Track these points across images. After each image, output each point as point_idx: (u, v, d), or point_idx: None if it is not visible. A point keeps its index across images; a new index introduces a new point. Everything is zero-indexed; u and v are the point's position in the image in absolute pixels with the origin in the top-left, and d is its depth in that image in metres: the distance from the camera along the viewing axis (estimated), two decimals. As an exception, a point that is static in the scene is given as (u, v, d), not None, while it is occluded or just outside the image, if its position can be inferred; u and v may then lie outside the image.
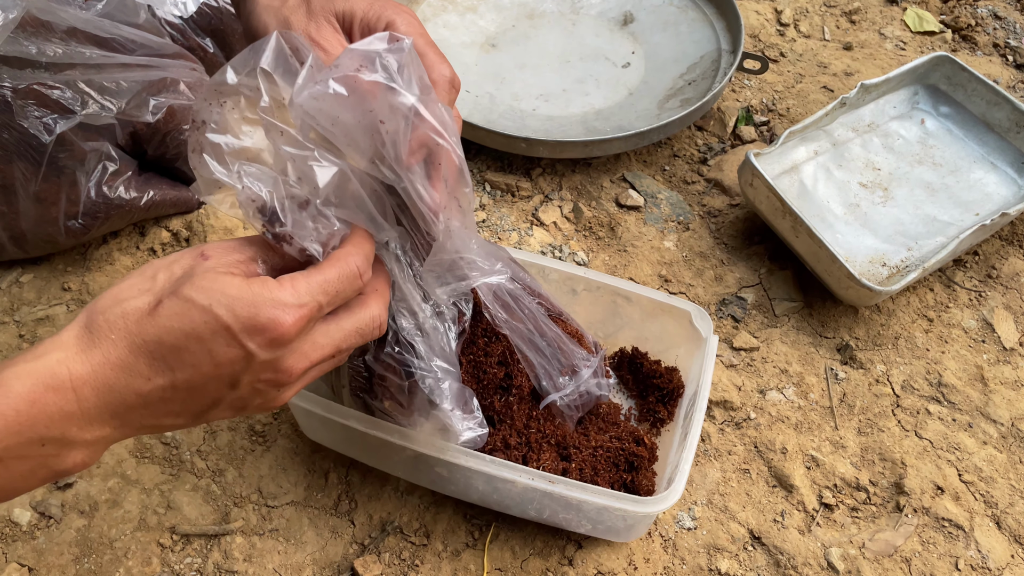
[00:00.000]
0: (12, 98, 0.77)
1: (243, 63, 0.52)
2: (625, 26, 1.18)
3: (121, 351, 0.45)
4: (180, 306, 0.46)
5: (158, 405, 0.47)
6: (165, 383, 0.46)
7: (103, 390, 0.45)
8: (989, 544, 0.75)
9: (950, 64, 1.02)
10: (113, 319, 0.46)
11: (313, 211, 0.52)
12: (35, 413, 0.43)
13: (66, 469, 0.46)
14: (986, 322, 0.90)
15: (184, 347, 0.45)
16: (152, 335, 0.45)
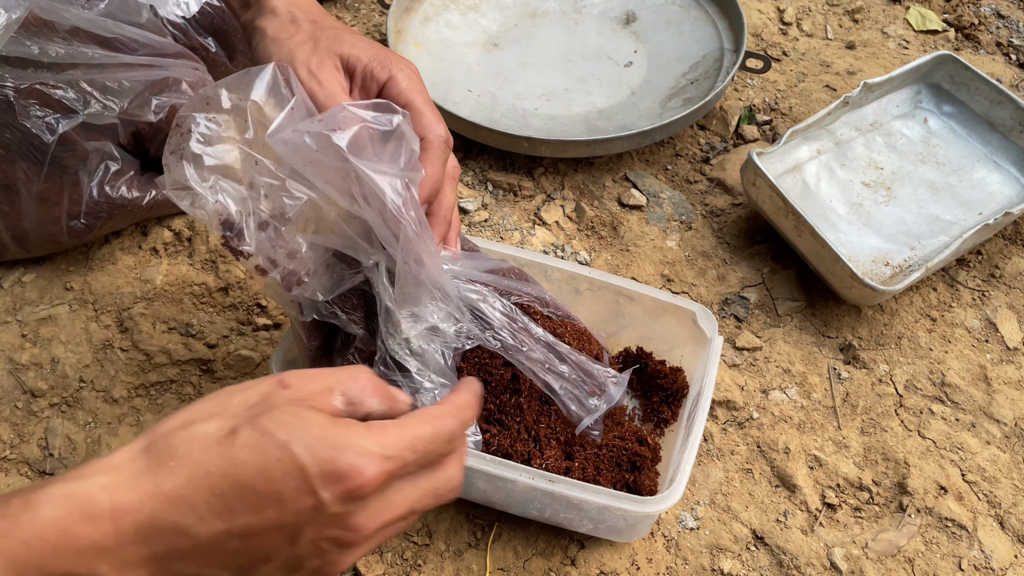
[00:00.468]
0: (15, 98, 0.77)
1: (237, 86, 0.54)
2: (627, 25, 1.18)
3: (179, 481, 0.40)
4: (256, 438, 0.41)
5: (205, 554, 0.41)
6: (221, 528, 0.40)
7: (148, 526, 0.40)
8: (992, 544, 0.74)
9: (953, 63, 1.01)
10: (177, 443, 0.41)
11: (271, 232, 0.55)
12: (63, 545, 0.38)
13: None
14: (989, 322, 0.90)
15: (251, 486, 0.40)
16: (218, 467, 0.40)
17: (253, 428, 0.41)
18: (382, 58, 0.60)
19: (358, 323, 0.62)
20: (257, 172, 0.54)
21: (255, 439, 0.41)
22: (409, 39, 1.14)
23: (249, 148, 0.54)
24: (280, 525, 0.41)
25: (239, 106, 0.54)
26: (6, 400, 0.80)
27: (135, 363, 0.83)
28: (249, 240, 0.54)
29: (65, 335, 0.84)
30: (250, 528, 0.41)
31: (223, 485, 0.40)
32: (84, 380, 0.82)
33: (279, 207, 0.55)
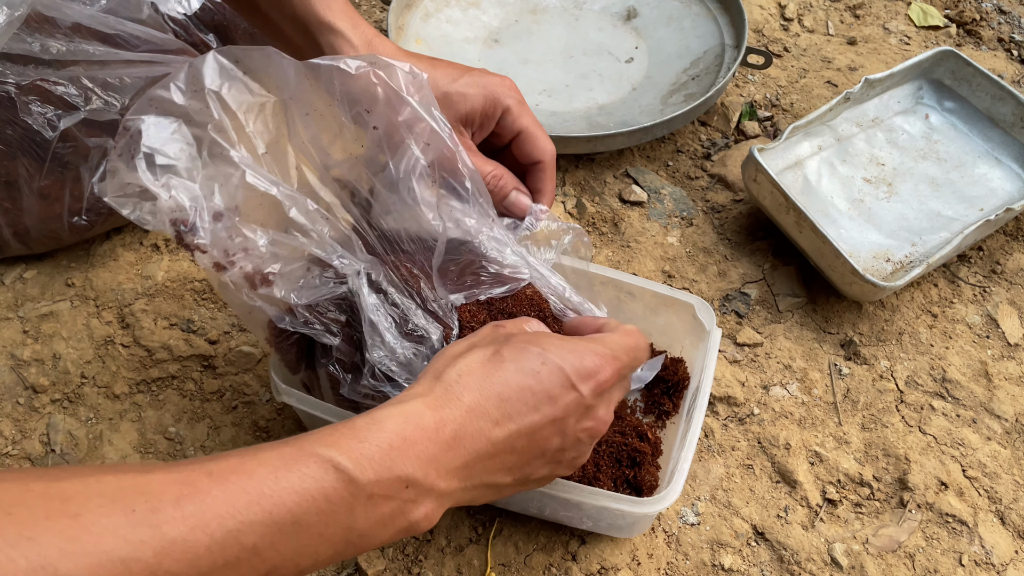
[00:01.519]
0: (16, 94, 0.77)
1: (188, 83, 0.54)
2: (628, 21, 1.18)
3: (474, 395, 0.48)
4: (519, 352, 0.50)
5: (502, 454, 0.49)
6: (512, 428, 0.48)
7: (460, 435, 0.47)
8: (993, 540, 0.74)
9: (954, 59, 1.01)
10: (460, 371, 0.49)
11: (226, 223, 0.54)
12: (406, 450, 0.45)
13: (415, 522, 0.46)
14: (990, 318, 0.90)
15: (527, 388, 0.49)
16: (499, 379, 0.49)
17: (511, 346, 0.51)
18: (492, 99, 0.63)
19: (336, 333, 0.61)
20: (222, 159, 0.54)
21: (518, 352, 0.50)
22: (410, 35, 1.14)
23: (217, 134, 0.54)
24: (554, 419, 0.50)
25: (194, 104, 0.54)
26: (8, 396, 0.80)
27: (136, 359, 0.83)
28: (203, 234, 0.54)
29: (66, 331, 0.84)
30: (533, 425, 0.49)
31: (507, 392, 0.49)
32: (85, 376, 0.82)
33: (236, 198, 0.54)
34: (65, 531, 0.35)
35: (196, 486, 0.39)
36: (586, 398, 0.51)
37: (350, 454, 0.43)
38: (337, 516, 0.42)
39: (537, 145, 0.65)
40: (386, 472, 0.44)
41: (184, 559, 0.37)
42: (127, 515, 0.36)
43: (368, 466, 0.44)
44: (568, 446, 0.52)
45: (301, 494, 0.41)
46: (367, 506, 0.43)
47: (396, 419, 0.46)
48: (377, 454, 0.44)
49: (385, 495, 0.44)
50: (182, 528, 0.37)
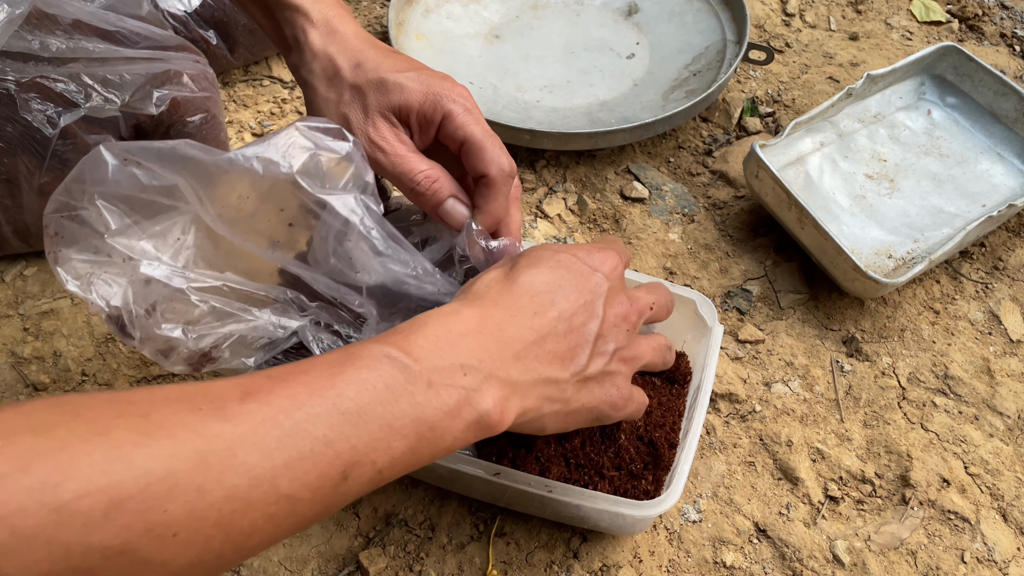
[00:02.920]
0: (15, 91, 0.77)
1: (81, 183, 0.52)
2: (630, 16, 1.18)
3: (505, 299, 0.51)
4: (531, 258, 0.53)
5: (548, 341, 0.50)
6: (552, 314, 0.51)
7: (504, 327, 0.49)
8: (995, 537, 0.74)
9: (957, 54, 1.01)
10: (486, 283, 0.52)
11: (159, 316, 0.53)
12: (454, 341, 0.47)
13: (486, 412, 0.46)
14: (993, 314, 0.90)
15: (552, 280, 0.52)
16: (524, 280, 0.52)
17: (524, 257, 0.54)
18: (432, 97, 0.58)
19: None
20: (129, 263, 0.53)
21: (531, 259, 0.53)
22: (410, 31, 1.13)
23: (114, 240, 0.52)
24: (584, 302, 0.52)
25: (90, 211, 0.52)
26: (8, 394, 0.80)
27: (137, 357, 0.83)
28: (134, 331, 0.53)
29: (67, 329, 0.84)
30: (566, 309, 0.51)
31: (535, 287, 0.51)
32: (86, 374, 0.82)
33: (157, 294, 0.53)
34: (137, 427, 0.35)
35: (258, 386, 0.40)
36: (605, 281, 0.54)
37: (400, 346, 0.45)
38: (400, 404, 0.43)
39: (483, 157, 0.58)
40: (438, 360, 0.45)
41: (256, 451, 0.37)
42: (195, 412, 0.37)
43: (419, 355, 0.45)
44: (606, 332, 0.53)
45: (360, 383, 0.42)
46: (428, 394, 0.44)
47: (437, 319, 0.48)
48: (426, 344, 0.45)
49: (444, 383, 0.45)
50: (251, 422, 0.38)
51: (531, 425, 0.51)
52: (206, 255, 0.56)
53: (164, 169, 0.53)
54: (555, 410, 0.52)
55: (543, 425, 0.52)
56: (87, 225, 0.52)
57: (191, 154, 0.52)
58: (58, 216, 0.52)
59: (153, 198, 0.53)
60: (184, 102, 0.86)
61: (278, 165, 0.53)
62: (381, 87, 0.58)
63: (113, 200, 0.52)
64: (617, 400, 0.55)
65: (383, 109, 0.58)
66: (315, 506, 0.40)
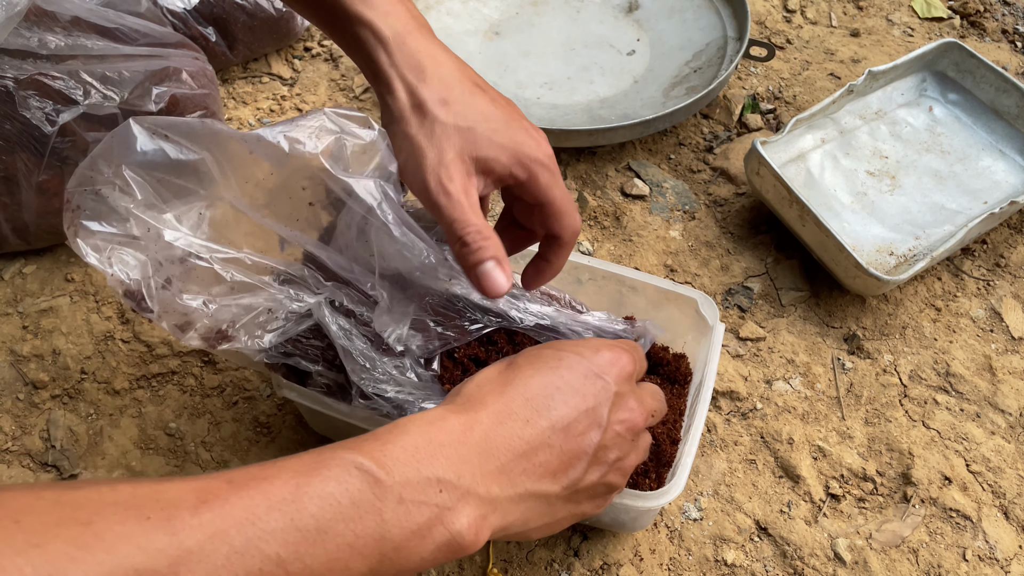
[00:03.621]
0: (14, 89, 0.77)
1: (108, 156, 0.53)
2: (630, 13, 1.17)
3: (496, 401, 0.48)
4: (533, 356, 0.50)
5: (538, 453, 0.47)
6: (544, 423, 0.47)
7: (490, 436, 0.46)
8: (997, 535, 0.74)
9: (958, 51, 1.01)
10: (479, 383, 0.50)
11: (175, 290, 0.54)
12: (433, 451, 0.44)
13: (458, 533, 0.43)
14: (994, 311, 0.90)
15: (551, 384, 0.49)
16: (520, 382, 0.49)
17: (523, 355, 0.51)
18: (522, 160, 0.55)
19: (316, 359, 0.60)
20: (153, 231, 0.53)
21: (532, 357, 0.50)
22: (410, 28, 1.13)
23: (142, 213, 0.53)
24: (585, 410, 0.49)
25: (117, 178, 0.53)
26: (8, 392, 0.80)
27: (136, 354, 0.83)
28: (151, 303, 0.53)
29: (66, 326, 0.84)
30: (565, 417, 0.48)
31: (531, 391, 0.48)
32: (85, 372, 0.81)
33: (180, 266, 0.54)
34: (76, 538, 0.33)
35: (215, 494, 0.37)
36: (612, 385, 0.50)
37: (373, 456, 0.42)
38: (365, 523, 0.40)
39: (562, 221, 0.56)
40: (414, 473, 0.42)
41: (202, 569, 0.35)
42: (141, 523, 0.35)
43: (394, 467, 0.42)
44: (609, 442, 0.50)
45: (324, 498, 0.39)
46: (398, 511, 0.41)
47: (419, 424, 0.45)
48: (403, 455, 0.42)
49: (417, 499, 0.42)
50: (199, 536, 0.35)
51: (513, 537, 0.49)
52: (226, 232, 0.57)
53: (192, 144, 0.53)
54: (542, 524, 0.49)
55: (527, 536, 0.50)
56: (108, 200, 0.52)
57: (219, 129, 0.53)
58: (80, 190, 0.52)
59: (179, 174, 0.54)
60: (183, 99, 0.85)
61: (304, 144, 0.53)
62: (469, 137, 0.54)
63: (140, 171, 0.53)
64: (603, 506, 0.53)
65: (464, 155, 0.54)
66: None
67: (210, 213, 0.56)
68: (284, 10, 1.04)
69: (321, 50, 1.13)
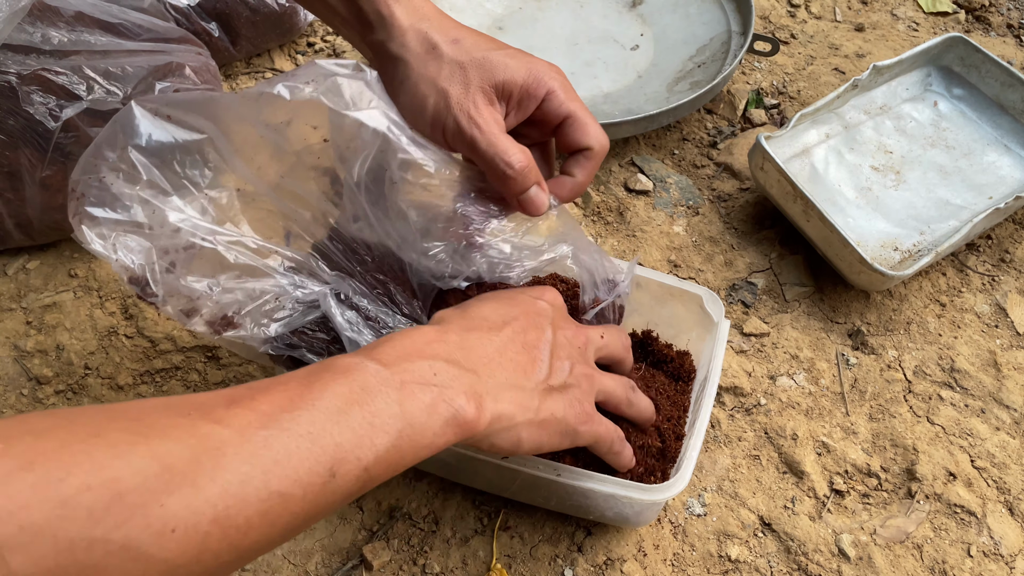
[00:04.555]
0: (17, 84, 0.76)
1: (112, 141, 0.54)
2: (634, 8, 1.17)
3: (462, 320, 0.54)
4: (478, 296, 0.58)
5: (508, 351, 0.53)
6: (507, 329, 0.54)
7: (465, 341, 0.52)
8: (1002, 530, 0.74)
9: (964, 45, 1.00)
10: (439, 315, 0.55)
11: (180, 274, 0.54)
12: (419, 350, 0.49)
13: (461, 408, 0.48)
14: (999, 307, 0.90)
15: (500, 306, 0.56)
16: (475, 307, 0.56)
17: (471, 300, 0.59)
18: (536, 75, 0.57)
19: (321, 352, 0.60)
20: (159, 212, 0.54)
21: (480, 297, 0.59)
22: (414, 23, 1.13)
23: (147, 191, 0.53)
24: (533, 322, 0.56)
25: (121, 162, 0.53)
26: (12, 387, 0.80)
27: (140, 350, 0.83)
28: (155, 287, 0.54)
29: (70, 322, 0.84)
30: (519, 327, 0.55)
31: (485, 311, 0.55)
32: (89, 367, 0.81)
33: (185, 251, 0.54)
34: (130, 428, 0.36)
35: (241, 395, 0.41)
36: (549, 308, 0.58)
37: (369, 355, 0.47)
38: (377, 403, 0.44)
39: (588, 131, 0.59)
40: (408, 363, 0.47)
41: (245, 448, 0.38)
42: (184, 416, 0.38)
43: (389, 361, 0.47)
44: (558, 349, 0.56)
45: (336, 386, 0.44)
46: (403, 392, 0.45)
47: (401, 335, 0.50)
48: (394, 352, 0.48)
49: (417, 381, 0.46)
50: (237, 424, 0.39)
51: (508, 435, 0.52)
52: (232, 217, 0.58)
53: (195, 118, 0.54)
54: (527, 419, 0.52)
55: (519, 436, 0.52)
56: (112, 188, 0.53)
57: (220, 97, 0.54)
58: (85, 178, 0.53)
59: (185, 154, 0.54)
60: (186, 94, 0.85)
61: (302, 90, 0.54)
62: (484, 64, 0.56)
63: (145, 153, 0.53)
64: (582, 415, 0.56)
65: (485, 86, 0.56)
66: (306, 504, 0.41)
67: (216, 195, 0.56)
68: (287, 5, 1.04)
69: (324, 45, 1.13)
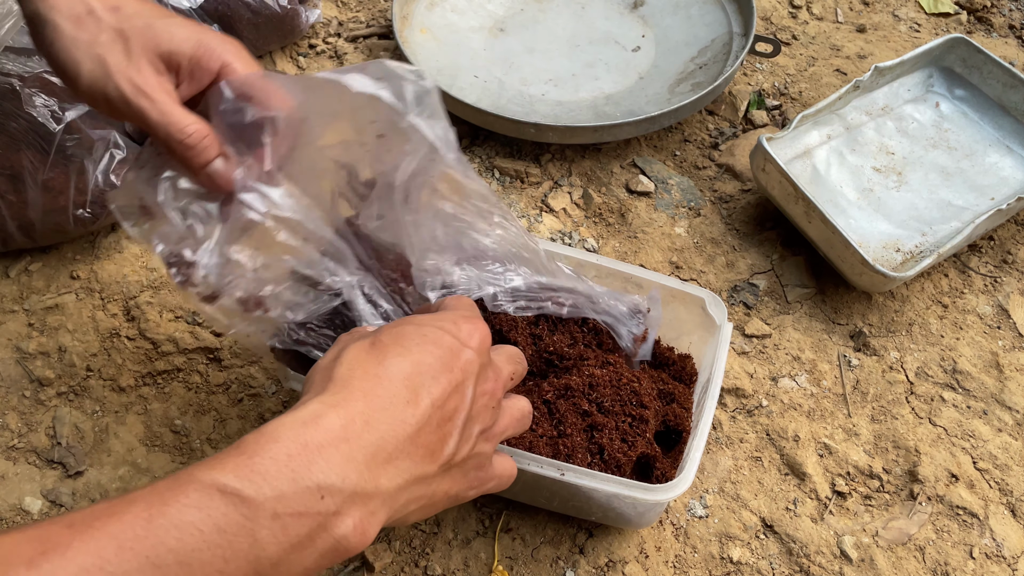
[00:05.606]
0: (20, 86, 0.77)
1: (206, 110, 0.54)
2: (635, 9, 1.17)
3: (373, 384, 0.44)
4: (395, 334, 0.47)
5: (424, 435, 0.44)
6: (426, 403, 0.44)
7: (373, 423, 0.42)
8: (1004, 532, 0.74)
9: (965, 46, 1.00)
10: (348, 362, 0.45)
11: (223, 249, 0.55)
12: (311, 455, 0.39)
13: (343, 537, 0.40)
14: (1001, 308, 0.90)
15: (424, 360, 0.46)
16: (394, 360, 0.45)
17: (384, 332, 0.48)
18: (207, 45, 0.53)
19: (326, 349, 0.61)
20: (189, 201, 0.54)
21: (395, 335, 0.47)
22: (415, 24, 1.13)
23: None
24: (456, 384, 0.46)
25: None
26: (14, 389, 0.80)
27: (142, 352, 0.83)
28: (202, 268, 0.54)
29: (72, 324, 0.84)
30: (442, 394, 0.45)
31: (406, 368, 0.45)
32: (91, 369, 0.81)
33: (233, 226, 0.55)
34: None
35: (54, 541, 0.33)
36: (477, 355, 0.48)
37: (239, 471, 0.37)
38: (236, 547, 0.36)
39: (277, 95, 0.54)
40: (289, 484, 0.38)
41: None
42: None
43: (263, 482, 0.37)
44: (475, 414, 0.48)
45: (183, 528, 0.35)
46: (273, 527, 0.37)
47: (291, 427, 0.40)
48: (274, 466, 0.38)
49: (295, 511, 0.38)
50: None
51: (390, 524, 0.46)
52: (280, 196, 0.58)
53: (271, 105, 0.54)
54: (420, 507, 0.46)
55: (404, 522, 0.47)
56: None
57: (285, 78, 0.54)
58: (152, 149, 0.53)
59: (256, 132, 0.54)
60: (188, 97, 0.85)
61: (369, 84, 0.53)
62: (148, 33, 0.51)
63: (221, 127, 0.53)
64: (477, 482, 0.51)
65: (150, 54, 0.51)
66: None
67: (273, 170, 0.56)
68: (289, 7, 1.04)
69: (326, 47, 1.13)
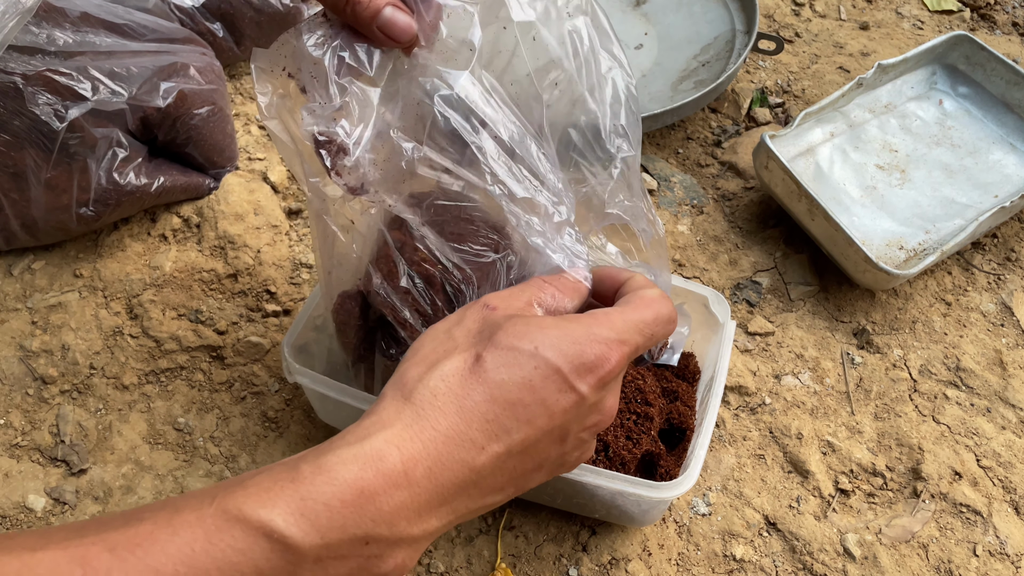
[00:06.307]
0: (23, 85, 0.77)
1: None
2: (638, 7, 1.17)
3: (452, 419, 0.40)
4: (505, 356, 0.42)
5: (489, 479, 0.41)
6: (500, 450, 0.41)
7: (436, 469, 0.40)
8: (1008, 530, 0.74)
9: (969, 44, 1.00)
10: (435, 388, 0.41)
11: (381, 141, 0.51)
12: (364, 505, 0.37)
13: (383, 574, 0.39)
14: (1005, 306, 0.89)
15: (517, 401, 0.41)
16: (483, 394, 0.41)
17: (496, 348, 0.42)
18: None
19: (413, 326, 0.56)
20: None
21: (504, 357, 0.42)
22: (418, 23, 1.13)
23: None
24: (550, 429, 0.42)
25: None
26: (17, 387, 0.80)
27: (145, 350, 0.83)
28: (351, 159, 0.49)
29: (75, 322, 0.84)
30: (528, 441, 0.41)
31: (494, 410, 0.41)
32: (94, 367, 0.82)
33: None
34: None
35: (94, 566, 0.33)
36: (588, 397, 0.43)
37: (288, 513, 0.36)
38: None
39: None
40: (337, 533, 0.37)
41: None
42: None
43: (312, 529, 0.36)
44: (569, 450, 0.45)
45: (224, 571, 0.35)
46: (315, 571, 0.37)
47: (352, 466, 0.38)
48: (325, 513, 0.37)
49: (337, 556, 0.37)
50: None
51: None
52: None
53: None
54: (472, 516, 0.44)
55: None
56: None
57: None
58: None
59: None
60: (191, 95, 0.85)
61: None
62: None
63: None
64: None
65: None
66: None
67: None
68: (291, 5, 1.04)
69: (328, 45, 1.13)
